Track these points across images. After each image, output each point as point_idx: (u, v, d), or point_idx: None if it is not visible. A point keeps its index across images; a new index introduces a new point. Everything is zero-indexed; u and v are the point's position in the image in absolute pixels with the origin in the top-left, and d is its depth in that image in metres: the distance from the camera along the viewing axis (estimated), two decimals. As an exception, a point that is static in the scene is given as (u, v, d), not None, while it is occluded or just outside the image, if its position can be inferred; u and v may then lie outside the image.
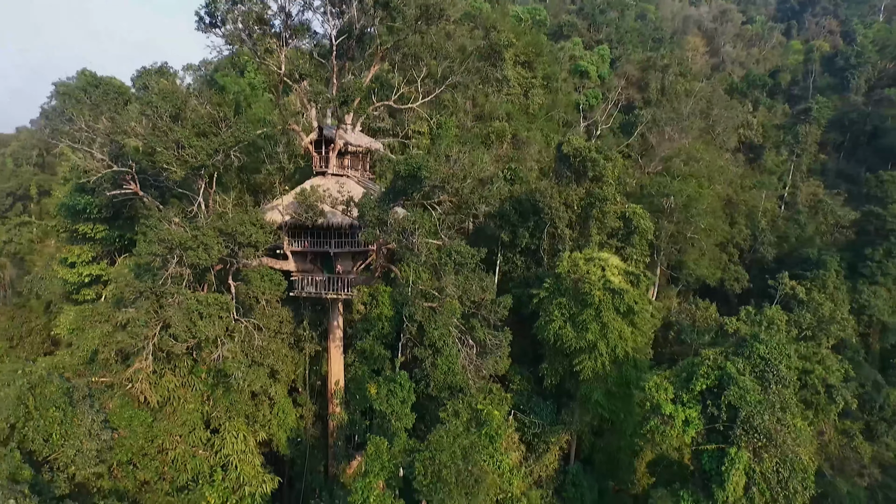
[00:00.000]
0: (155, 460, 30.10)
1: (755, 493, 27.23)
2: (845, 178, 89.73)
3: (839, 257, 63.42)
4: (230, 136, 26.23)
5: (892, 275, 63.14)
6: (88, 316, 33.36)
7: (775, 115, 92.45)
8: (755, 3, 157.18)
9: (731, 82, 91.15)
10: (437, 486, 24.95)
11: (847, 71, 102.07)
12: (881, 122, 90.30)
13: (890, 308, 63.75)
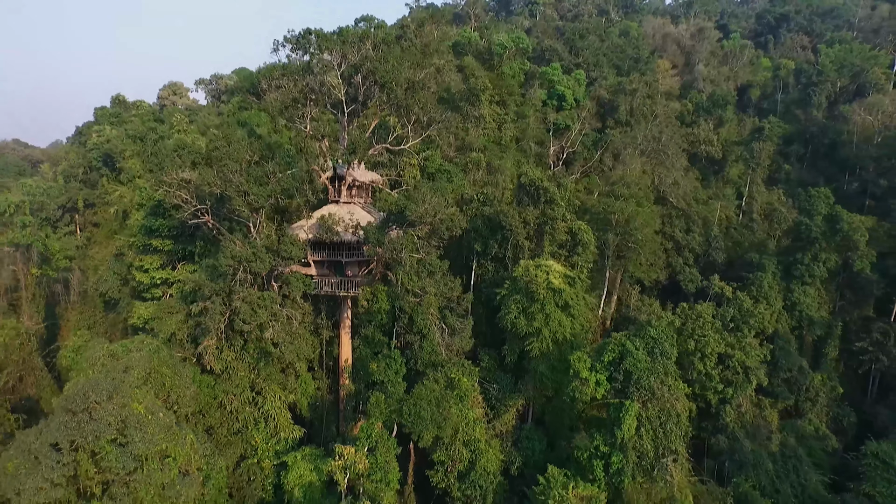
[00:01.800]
0: (217, 412, 42.65)
1: (643, 432, 39.47)
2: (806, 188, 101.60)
3: (776, 261, 75.60)
4: (278, 185, 38.77)
5: (818, 276, 74.98)
6: (163, 308, 45.97)
7: (744, 129, 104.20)
8: (737, 16, 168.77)
9: (700, 100, 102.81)
10: (417, 422, 37.53)
11: (809, 88, 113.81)
12: (838, 136, 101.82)
13: (817, 305, 75.92)
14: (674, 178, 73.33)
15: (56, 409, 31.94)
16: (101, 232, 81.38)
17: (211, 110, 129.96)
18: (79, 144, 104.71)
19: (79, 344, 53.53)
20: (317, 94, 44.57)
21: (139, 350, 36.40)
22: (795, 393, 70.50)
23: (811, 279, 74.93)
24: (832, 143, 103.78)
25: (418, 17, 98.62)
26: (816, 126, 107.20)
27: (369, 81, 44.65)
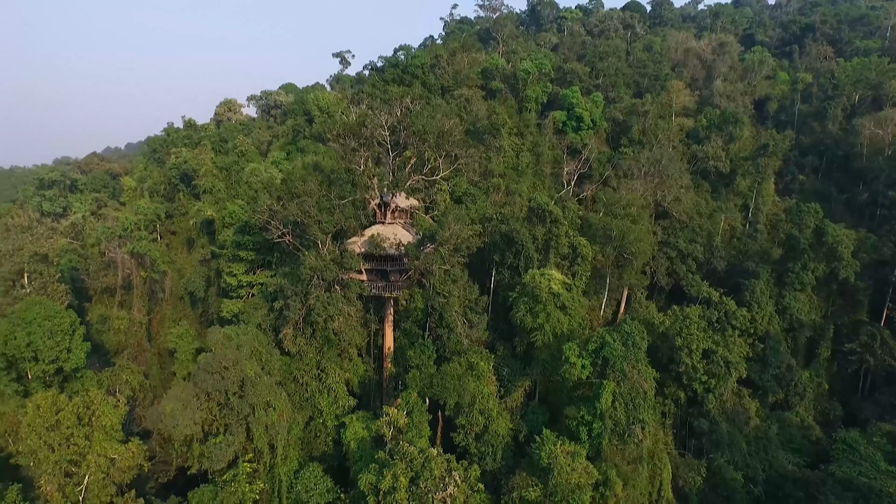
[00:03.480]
0: (292, 384, 58.55)
1: (617, 405, 53.30)
2: (820, 197, 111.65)
3: (770, 269, 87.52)
4: (341, 215, 54.45)
5: (808, 283, 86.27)
6: (250, 304, 62.35)
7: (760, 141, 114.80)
8: (764, 25, 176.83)
9: (713, 117, 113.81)
10: (443, 392, 52.56)
11: (825, 101, 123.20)
12: (851, 148, 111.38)
13: (807, 309, 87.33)
14: (675, 195, 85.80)
15: (196, 372, 48.37)
16: (177, 239, 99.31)
17: (262, 124, 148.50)
18: (154, 160, 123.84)
19: (180, 332, 71.00)
20: (368, 141, 60.00)
21: (245, 334, 52.59)
22: (784, 388, 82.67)
23: (801, 286, 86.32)
24: (846, 155, 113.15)
25: (450, 47, 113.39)
26: (831, 138, 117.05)
27: (408, 131, 59.76)
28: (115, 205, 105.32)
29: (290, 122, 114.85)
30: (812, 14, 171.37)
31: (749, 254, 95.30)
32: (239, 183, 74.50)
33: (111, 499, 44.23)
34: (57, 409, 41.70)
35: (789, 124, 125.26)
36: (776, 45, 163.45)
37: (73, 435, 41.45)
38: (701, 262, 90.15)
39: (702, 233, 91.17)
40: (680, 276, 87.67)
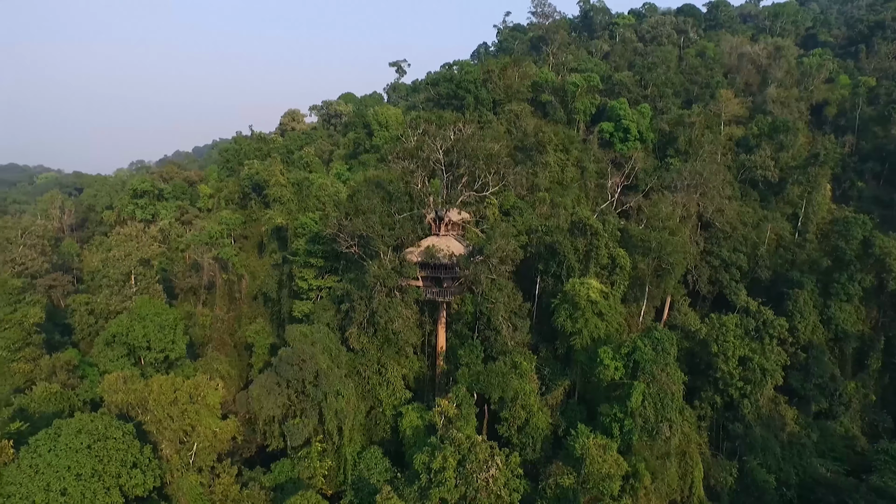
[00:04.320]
0: (356, 377, 68.12)
1: (647, 405, 59.80)
2: (880, 204, 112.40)
3: (815, 279, 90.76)
4: (402, 230, 63.51)
5: (854, 294, 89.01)
6: (319, 305, 72.45)
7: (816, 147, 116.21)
8: (829, 24, 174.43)
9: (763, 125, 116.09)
10: (488, 386, 60.77)
11: (889, 105, 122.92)
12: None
13: (854, 320, 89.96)
14: (717, 206, 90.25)
15: (278, 363, 58.60)
16: (249, 243, 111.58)
17: (323, 133, 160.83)
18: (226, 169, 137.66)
19: (256, 328, 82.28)
20: (425, 162, 68.90)
21: (318, 332, 62.55)
22: (828, 397, 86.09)
23: (848, 297, 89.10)
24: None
25: (502, 62, 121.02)
26: (894, 143, 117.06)
27: (461, 154, 68.25)
28: (195, 211, 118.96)
29: (352, 135, 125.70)
30: (883, 11, 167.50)
31: (797, 263, 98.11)
32: (308, 196, 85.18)
33: (213, 463, 55.01)
34: (174, 389, 52.67)
35: (849, 129, 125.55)
36: (841, 45, 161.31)
37: (186, 410, 52.26)
38: (745, 271, 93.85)
39: (746, 242, 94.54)
40: (723, 284, 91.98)
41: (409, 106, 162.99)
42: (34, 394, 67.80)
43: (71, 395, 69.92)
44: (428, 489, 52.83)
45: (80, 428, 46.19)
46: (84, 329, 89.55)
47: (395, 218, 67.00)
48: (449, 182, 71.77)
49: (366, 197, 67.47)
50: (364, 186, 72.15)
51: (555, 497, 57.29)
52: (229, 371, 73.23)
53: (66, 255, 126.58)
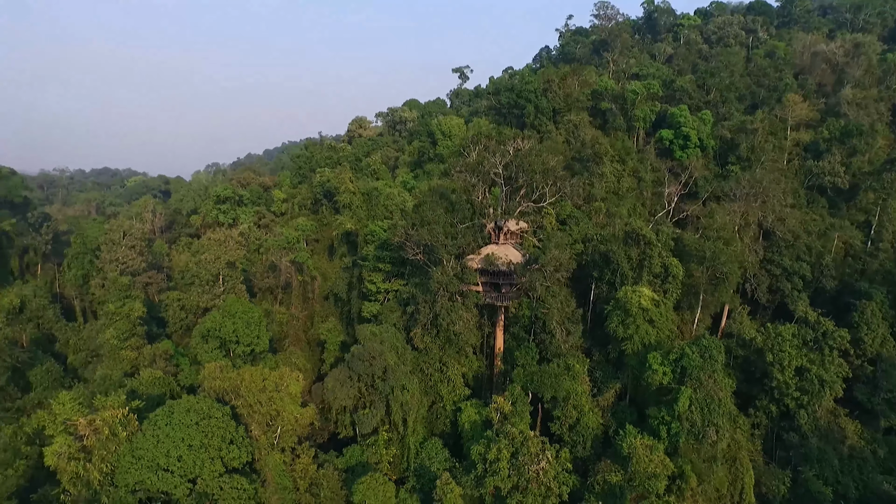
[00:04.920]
0: (419, 373, 75.14)
1: (693, 409, 63.38)
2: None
3: (885, 290, 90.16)
4: (463, 239, 70.02)
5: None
6: (386, 307, 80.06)
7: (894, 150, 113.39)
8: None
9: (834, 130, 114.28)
10: (542, 386, 66.26)
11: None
12: None
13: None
14: (778, 215, 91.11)
15: (350, 359, 66.41)
16: (320, 246, 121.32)
17: (388, 140, 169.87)
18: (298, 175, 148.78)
19: (329, 326, 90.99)
20: (485, 176, 75.09)
21: (386, 332, 70.06)
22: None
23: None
24: None
25: (561, 72, 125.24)
26: None
27: (519, 169, 73.97)
28: (270, 216, 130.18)
29: (416, 144, 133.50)
30: None
31: (867, 273, 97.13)
32: (377, 205, 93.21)
33: (294, 445, 63.53)
34: (262, 379, 61.42)
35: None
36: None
37: (272, 398, 60.82)
38: (809, 280, 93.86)
39: (810, 251, 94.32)
40: (785, 293, 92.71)
41: (472, 112, 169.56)
42: (141, 378, 78.95)
43: (171, 381, 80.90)
44: (483, 478, 59.09)
45: (188, 408, 55.43)
46: (176, 322, 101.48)
47: (457, 228, 73.65)
48: (508, 193, 77.60)
49: (430, 208, 74.47)
50: (428, 197, 79.10)
51: (602, 492, 62.04)
52: (305, 364, 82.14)
53: (158, 255, 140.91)
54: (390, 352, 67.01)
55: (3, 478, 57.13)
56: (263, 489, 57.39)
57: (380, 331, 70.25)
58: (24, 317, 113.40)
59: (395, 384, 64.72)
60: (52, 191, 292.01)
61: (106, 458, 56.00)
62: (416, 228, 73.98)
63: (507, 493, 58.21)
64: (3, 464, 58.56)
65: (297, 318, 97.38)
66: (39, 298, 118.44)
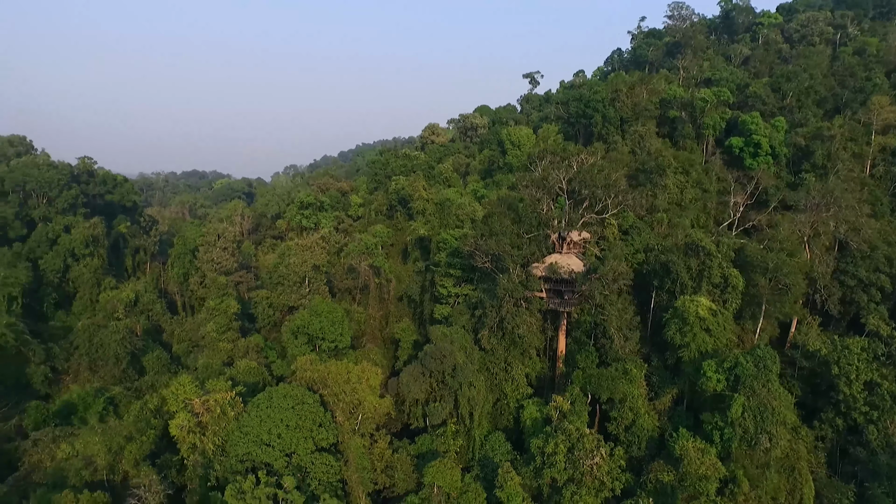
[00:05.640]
0: (486, 372, 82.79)
1: (746, 416, 67.29)
2: None
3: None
4: (527, 249, 77.12)
5: None
6: (456, 310, 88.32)
7: None
8: None
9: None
10: (599, 388, 72.32)
11: None
12: None
13: None
14: (851, 225, 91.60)
15: (423, 356, 75.12)
16: (394, 249, 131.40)
17: (460, 146, 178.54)
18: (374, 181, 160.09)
19: (403, 326, 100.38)
20: (550, 190, 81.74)
21: (455, 333, 78.32)
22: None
23: None
24: None
25: (630, 80, 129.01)
26: None
27: (582, 183, 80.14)
28: (349, 221, 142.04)
29: (486, 153, 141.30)
30: None
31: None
32: (449, 214, 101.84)
33: (372, 431, 73.05)
34: (347, 372, 71.24)
35: None
36: None
37: (355, 388, 70.47)
38: (889, 292, 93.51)
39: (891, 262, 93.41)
40: (860, 305, 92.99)
41: (542, 118, 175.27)
42: (238, 367, 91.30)
43: (263, 371, 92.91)
44: (541, 469, 66.12)
45: (285, 394, 65.85)
46: (265, 319, 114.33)
47: (523, 238, 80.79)
48: (571, 206, 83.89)
49: (498, 220, 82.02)
50: (497, 208, 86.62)
51: (654, 490, 67.30)
52: (381, 360, 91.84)
53: (246, 256, 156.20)
54: (459, 351, 75.09)
55: (138, 444, 69.84)
56: (346, 467, 67.07)
57: (450, 332, 78.56)
58: (137, 309, 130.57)
59: (463, 381, 72.74)
60: (150, 193, 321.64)
61: (218, 432, 67.54)
62: (485, 239, 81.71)
63: (562, 485, 64.98)
64: (138, 432, 71.38)
65: (374, 318, 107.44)
66: (149, 293, 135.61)
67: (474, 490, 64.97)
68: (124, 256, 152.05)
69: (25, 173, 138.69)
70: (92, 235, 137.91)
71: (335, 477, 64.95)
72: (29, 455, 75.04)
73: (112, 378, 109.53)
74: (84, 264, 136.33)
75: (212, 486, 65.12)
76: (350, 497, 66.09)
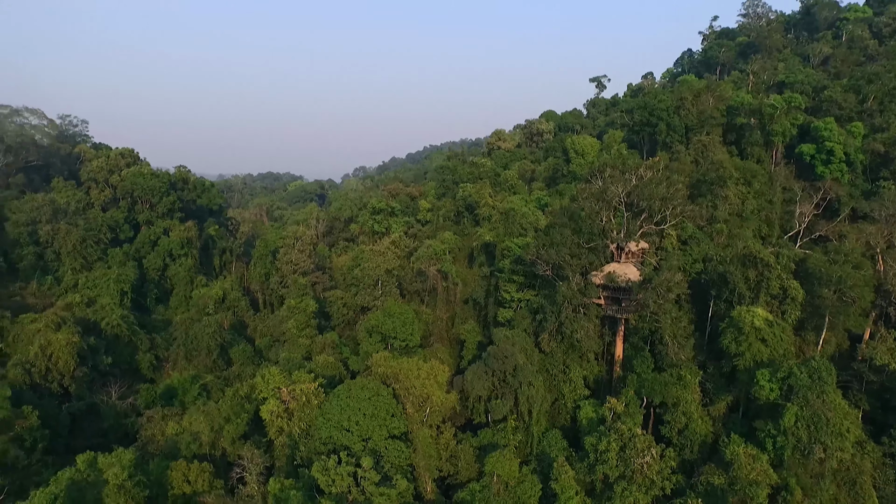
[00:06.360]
0: (545, 373, 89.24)
1: (800, 425, 70.37)
2: None
3: None
4: (586, 259, 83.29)
5: None
6: (518, 314, 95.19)
7: None
8: None
9: None
10: (652, 391, 77.34)
11: None
12: None
13: None
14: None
15: (486, 356, 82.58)
16: (461, 254, 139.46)
17: (525, 152, 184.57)
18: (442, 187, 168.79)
19: (468, 328, 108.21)
20: (609, 202, 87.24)
21: (517, 336, 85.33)
22: None
23: None
24: None
25: (695, 88, 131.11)
26: None
27: (640, 197, 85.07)
28: (418, 226, 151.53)
29: (551, 161, 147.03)
30: None
31: None
32: (513, 223, 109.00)
33: (439, 423, 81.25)
34: (417, 368, 79.81)
35: None
36: None
37: (424, 384, 78.89)
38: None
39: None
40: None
41: (608, 122, 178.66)
42: (317, 362, 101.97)
43: (339, 366, 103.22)
44: (594, 465, 72.11)
45: (362, 386, 75.12)
46: (339, 317, 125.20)
47: (582, 248, 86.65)
48: (630, 217, 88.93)
49: (559, 231, 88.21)
50: (558, 219, 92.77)
51: (705, 492, 71.62)
52: (447, 359, 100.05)
53: (321, 257, 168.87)
54: (520, 353, 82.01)
55: (235, 424, 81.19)
56: (414, 454, 75.58)
57: (512, 334, 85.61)
58: (224, 306, 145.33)
59: (523, 380, 79.59)
60: (230, 194, 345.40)
61: (303, 418, 77.67)
62: (546, 249, 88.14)
63: (614, 481, 70.67)
64: (234, 414, 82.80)
65: (441, 319, 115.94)
66: (235, 291, 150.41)
67: (530, 481, 71.68)
68: (213, 256, 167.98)
69: (133, 182, 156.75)
70: (187, 238, 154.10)
71: (405, 462, 73.55)
72: (144, 429, 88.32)
73: (205, 367, 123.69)
74: (180, 264, 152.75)
75: (297, 465, 75.25)
76: (418, 481, 74.54)
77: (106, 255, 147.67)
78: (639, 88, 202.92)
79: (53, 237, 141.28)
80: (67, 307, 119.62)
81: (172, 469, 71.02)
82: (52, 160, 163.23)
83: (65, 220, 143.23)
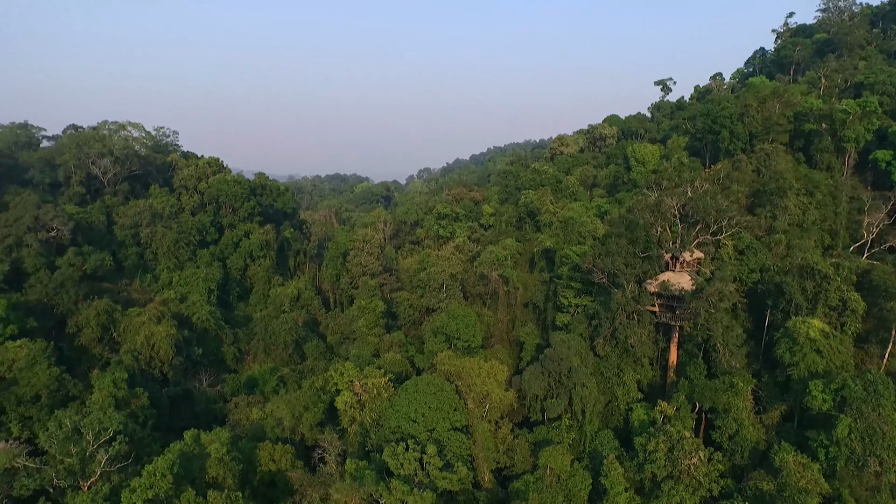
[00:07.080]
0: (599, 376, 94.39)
1: (853, 437, 72.52)
2: None
3: None
4: (641, 268, 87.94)
5: None
6: (575, 319, 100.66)
7: None
8: None
9: None
10: (701, 397, 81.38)
11: None
12: None
13: None
14: None
15: (543, 358, 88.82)
16: (522, 259, 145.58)
17: (588, 157, 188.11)
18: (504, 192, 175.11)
19: (527, 330, 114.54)
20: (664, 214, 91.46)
21: (573, 339, 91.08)
22: None
23: None
24: None
25: (761, 94, 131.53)
26: None
27: (695, 209, 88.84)
28: (481, 231, 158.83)
29: (612, 168, 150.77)
30: None
31: None
32: (572, 231, 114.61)
33: (497, 419, 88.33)
34: (479, 367, 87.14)
35: None
36: None
37: (485, 381, 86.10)
38: None
39: None
40: None
41: (672, 127, 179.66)
42: (385, 359, 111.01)
43: (405, 363, 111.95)
44: (643, 464, 77.12)
45: (428, 381, 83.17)
46: (405, 318, 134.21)
47: (637, 257, 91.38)
48: (685, 228, 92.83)
49: (615, 241, 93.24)
50: (615, 228, 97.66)
51: (753, 497, 75.02)
52: (506, 359, 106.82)
53: (388, 259, 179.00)
54: (575, 356, 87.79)
55: (312, 413, 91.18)
56: (474, 445, 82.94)
57: (568, 338, 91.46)
58: (298, 304, 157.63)
59: (578, 382, 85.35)
60: (300, 196, 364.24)
61: (374, 409, 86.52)
62: (602, 258, 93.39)
63: (661, 480, 75.44)
64: (312, 404, 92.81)
65: (502, 321, 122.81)
66: (308, 291, 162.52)
67: (581, 475, 77.45)
68: (288, 257, 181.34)
69: (219, 189, 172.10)
70: (265, 240, 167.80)
71: (466, 452, 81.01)
72: (232, 414, 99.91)
73: (281, 360, 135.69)
74: (259, 264, 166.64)
75: (368, 450, 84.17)
76: (476, 470, 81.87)
77: (195, 255, 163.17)
78: (706, 90, 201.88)
79: (151, 239, 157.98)
80: (164, 302, 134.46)
81: (260, 449, 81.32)
82: (149, 169, 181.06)
83: (161, 224, 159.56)
